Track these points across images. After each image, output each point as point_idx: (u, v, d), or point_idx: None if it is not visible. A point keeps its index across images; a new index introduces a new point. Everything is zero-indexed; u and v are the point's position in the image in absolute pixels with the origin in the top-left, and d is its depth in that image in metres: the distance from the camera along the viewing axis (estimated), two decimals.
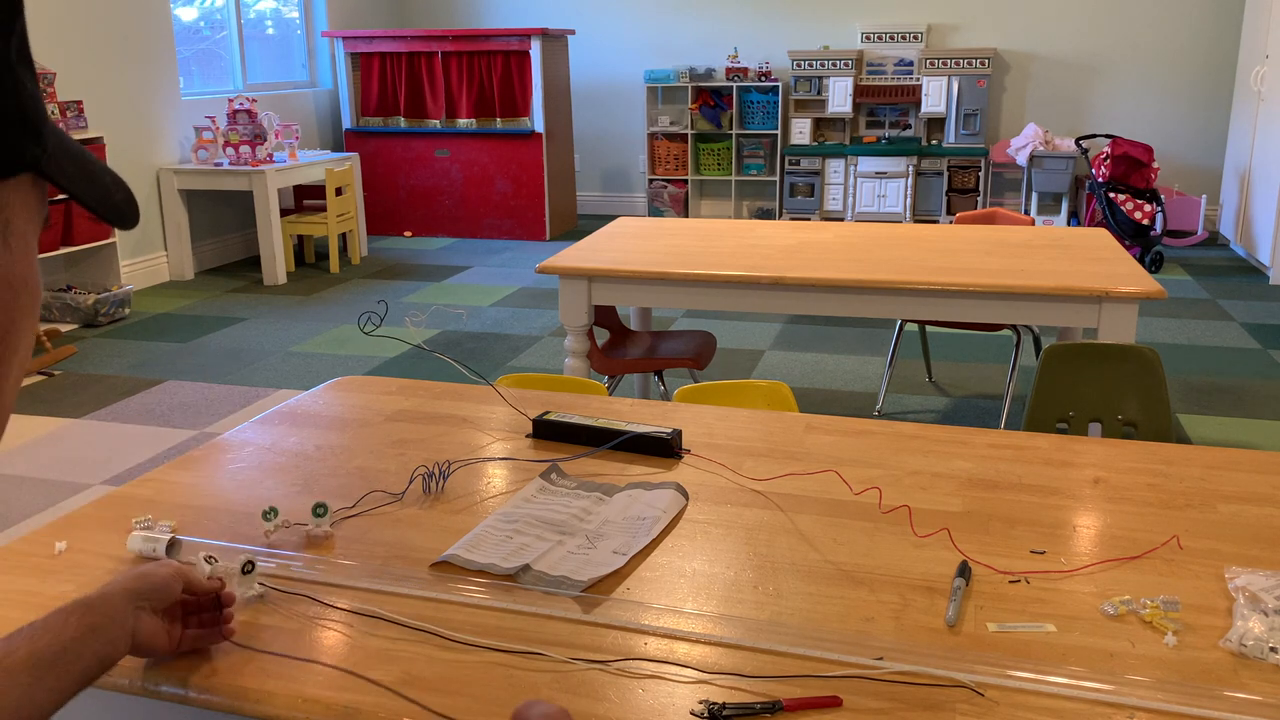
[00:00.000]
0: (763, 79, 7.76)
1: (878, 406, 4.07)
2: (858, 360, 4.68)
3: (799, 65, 7.67)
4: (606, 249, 3.25)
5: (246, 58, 7.21)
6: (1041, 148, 7.16)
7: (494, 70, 7.37)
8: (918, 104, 7.60)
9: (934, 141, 7.64)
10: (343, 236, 6.95)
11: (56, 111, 5.18)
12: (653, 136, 8.06)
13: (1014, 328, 3.78)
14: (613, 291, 3.10)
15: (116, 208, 0.55)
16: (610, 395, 2.05)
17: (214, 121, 6.32)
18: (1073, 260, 3.00)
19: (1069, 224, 7.27)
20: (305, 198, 7.10)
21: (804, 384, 4.36)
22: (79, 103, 5.34)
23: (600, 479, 1.50)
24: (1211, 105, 7.33)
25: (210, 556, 1.14)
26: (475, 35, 7.30)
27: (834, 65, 7.60)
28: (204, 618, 1.07)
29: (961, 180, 7.55)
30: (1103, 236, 3.36)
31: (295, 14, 7.84)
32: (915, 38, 7.61)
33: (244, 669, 1.06)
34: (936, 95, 7.42)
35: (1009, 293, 2.79)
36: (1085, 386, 2.31)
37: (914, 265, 2.97)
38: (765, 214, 8.08)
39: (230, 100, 6.27)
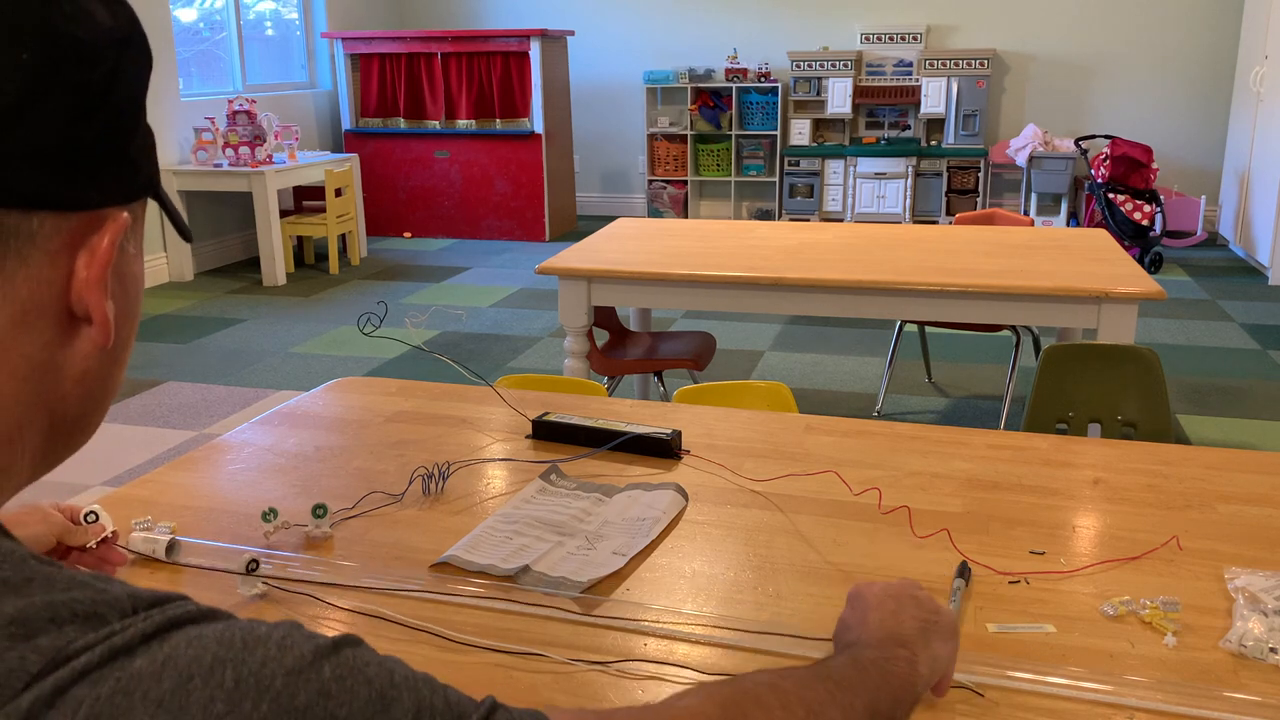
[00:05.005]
0: (762, 80, 7.76)
1: (877, 407, 4.07)
2: (857, 361, 4.68)
3: (798, 66, 7.67)
4: (606, 250, 3.25)
5: (246, 59, 7.21)
6: (1041, 148, 7.16)
7: (493, 71, 7.37)
8: (917, 105, 7.60)
9: (933, 142, 7.64)
10: (342, 237, 6.95)
11: None
12: (652, 137, 8.06)
13: (1013, 328, 3.78)
14: (612, 292, 3.10)
15: (185, 226, 0.70)
16: (610, 396, 2.05)
17: (213, 122, 6.31)
18: (1072, 261, 3.00)
19: (1068, 225, 7.28)
20: (305, 199, 7.09)
21: (804, 385, 4.36)
22: None
23: (600, 480, 1.50)
24: (1211, 106, 7.33)
25: (91, 514, 1.15)
26: (475, 36, 7.30)
27: (833, 66, 7.60)
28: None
29: (961, 181, 7.55)
30: (1102, 237, 3.36)
31: (294, 15, 7.84)
32: (914, 38, 7.61)
33: None
34: (936, 96, 7.42)
35: (1008, 293, 2.78)
36: (1085, 387, 2.32)
37: (913, 266, 2.97)
38: (765, 215, 8.08)
39: (230, 101, 6.27)
